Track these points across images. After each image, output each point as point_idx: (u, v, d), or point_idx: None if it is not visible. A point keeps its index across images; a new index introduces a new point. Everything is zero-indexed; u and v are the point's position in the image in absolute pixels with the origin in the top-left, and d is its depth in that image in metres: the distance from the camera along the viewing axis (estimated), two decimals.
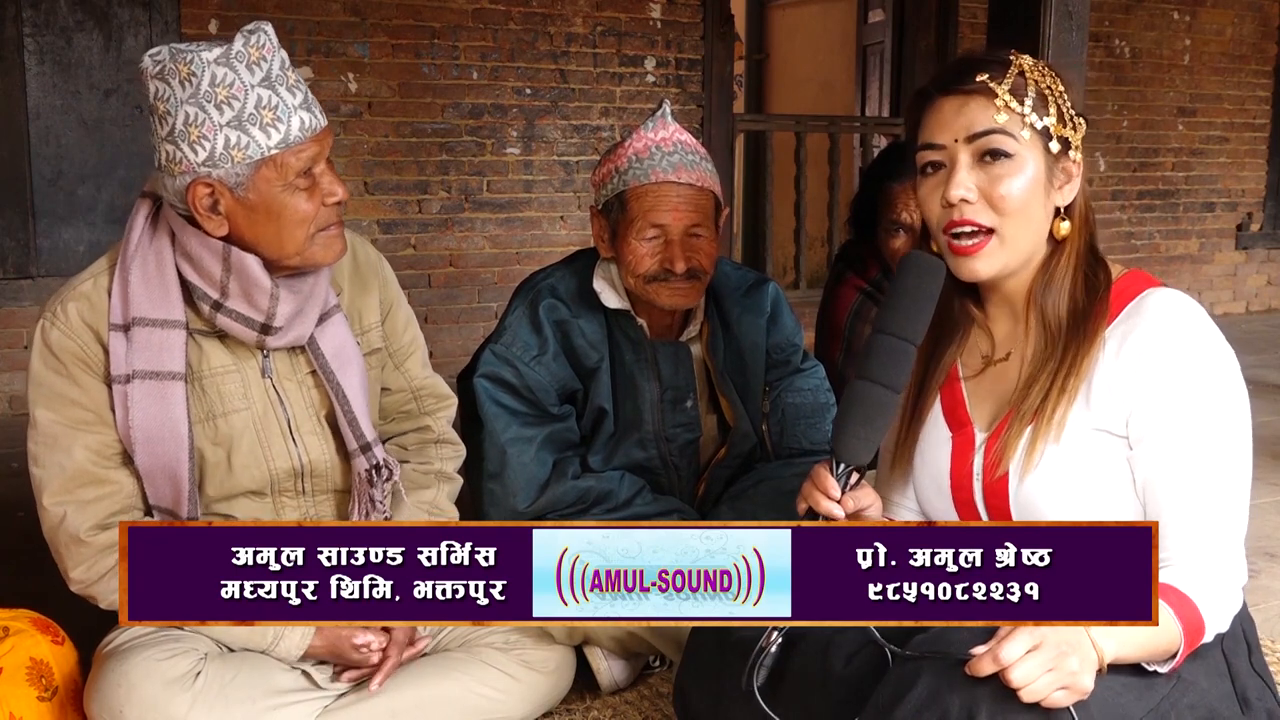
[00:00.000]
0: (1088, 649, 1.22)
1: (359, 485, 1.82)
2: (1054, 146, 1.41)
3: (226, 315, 1.68)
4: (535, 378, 2.13)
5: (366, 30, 4.86)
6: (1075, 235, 1.46)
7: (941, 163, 1.43)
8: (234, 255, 1.64)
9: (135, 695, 1.61)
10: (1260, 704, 1.41)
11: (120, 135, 4.46)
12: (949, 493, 1.51)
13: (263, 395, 1.76)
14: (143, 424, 1.65)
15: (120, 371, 1.65)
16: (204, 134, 1.57)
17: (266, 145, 1.58)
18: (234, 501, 1.77)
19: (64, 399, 1.66)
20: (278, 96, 1.59)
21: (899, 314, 1.39)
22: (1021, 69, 1.42)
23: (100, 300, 1.68)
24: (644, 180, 2.07)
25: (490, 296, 5.28)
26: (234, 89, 1.56)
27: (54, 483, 1.67)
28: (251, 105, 1.57)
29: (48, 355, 1.67)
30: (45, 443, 1.67)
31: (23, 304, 4.40)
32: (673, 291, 2.09)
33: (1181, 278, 7.14)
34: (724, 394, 2.27)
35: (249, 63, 1.57)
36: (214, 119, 1.56)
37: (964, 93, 1.41)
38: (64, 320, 1.66)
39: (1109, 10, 6.67)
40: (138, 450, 1.66)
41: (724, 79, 5.78)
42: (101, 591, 1.70)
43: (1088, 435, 1.40)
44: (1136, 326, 1.40)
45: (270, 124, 1.58)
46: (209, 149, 1.57)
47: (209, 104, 1.56)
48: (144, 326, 1.65)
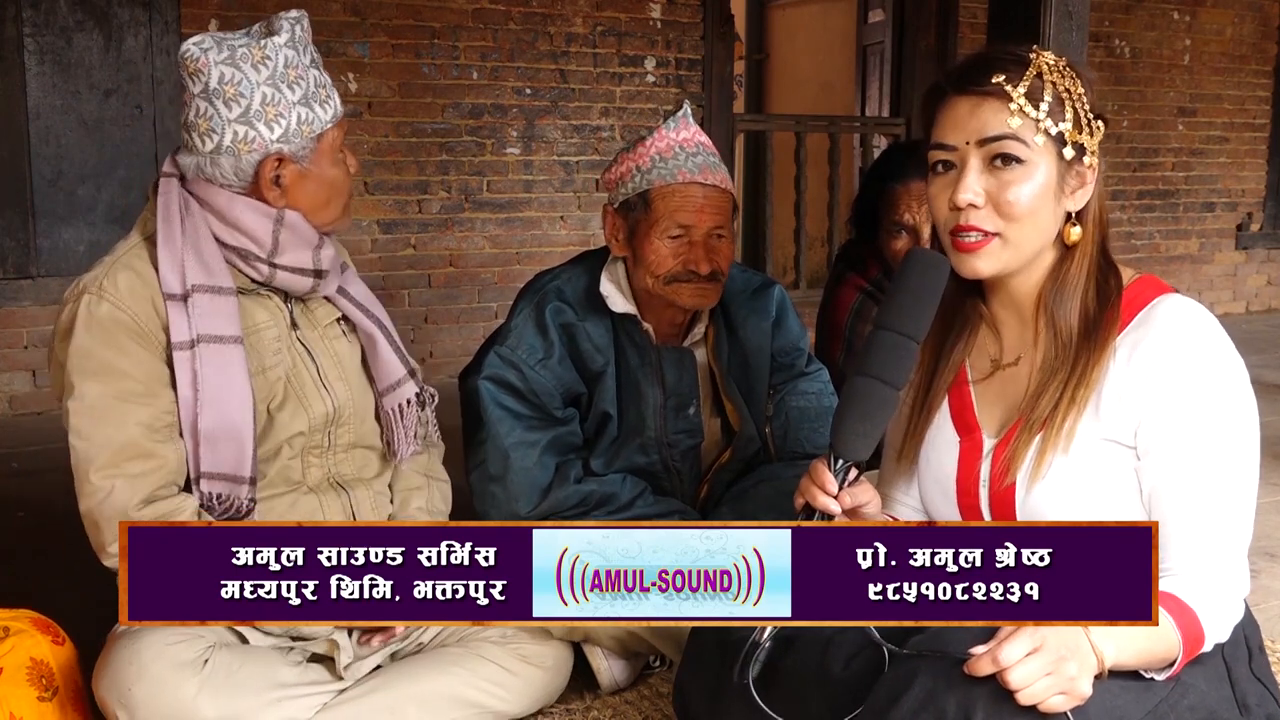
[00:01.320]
0: (1087, 653, 1.22)
1: (397, 419, 1.92)
2: (1068, 153, 1.39)
3: (283, 270, 1.78)
4: (540, 381, 2.13)
5: (366, 30, 4.86)
6: (1088, 241, 1.44)
7: (952, 163, 1.42)
8: (287, 215, 1.76)
9: (145, 675, 1.64)
10: (1260, 709, 1.41)
11: (120, 135, 4.45)
12: (954, 497, 1.51)
13: (292, 349, 1.84)
14: (213, 385, 1.69)
15: (183, 338, 1.69)
16: (280, 112, 1.70)
17: (325, 120, 1.76)
18: (271, 463, 1.81)
19: (115, 371, 1.68)
20: (323, 76, 1.77)
21: (902, 310, 1.38)
22: (1040, 70, 1.39)
23: (148, 272, 1.72)
24: (670, 180, 2.07)
25: (490, 296, 5.28)
26: (299, 70, 1.72)
27: (102, 455, 1.67)
28: (311, 84, 1.74)
29: (96, 329, 1.68)
30: (94, 416, 1.67)
31: (23, 304, 4.40)
32: (694, 291, 2.09)
33: (1181, 278, 7.14)
34: (729, 398, 2.27)
35: (305, 46, 1.74)
36: (288, 97, 1.71)
37: (979, 93, 1.39)
38: (113, 293, 1.69)
39: (1109, 10, 6.67)
40: (205, 413, 1.69)
41: (724, 79, 5.78)
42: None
43: (1096, 446, 1.40)
44: (1147, 336, 1.38)
45: (324, 100, 1.76)
46: (284, 126, 1.71)
47: (283, 84, 1.70)
48: (203, 293, 1.71)
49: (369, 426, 1.93)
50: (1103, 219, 1.46)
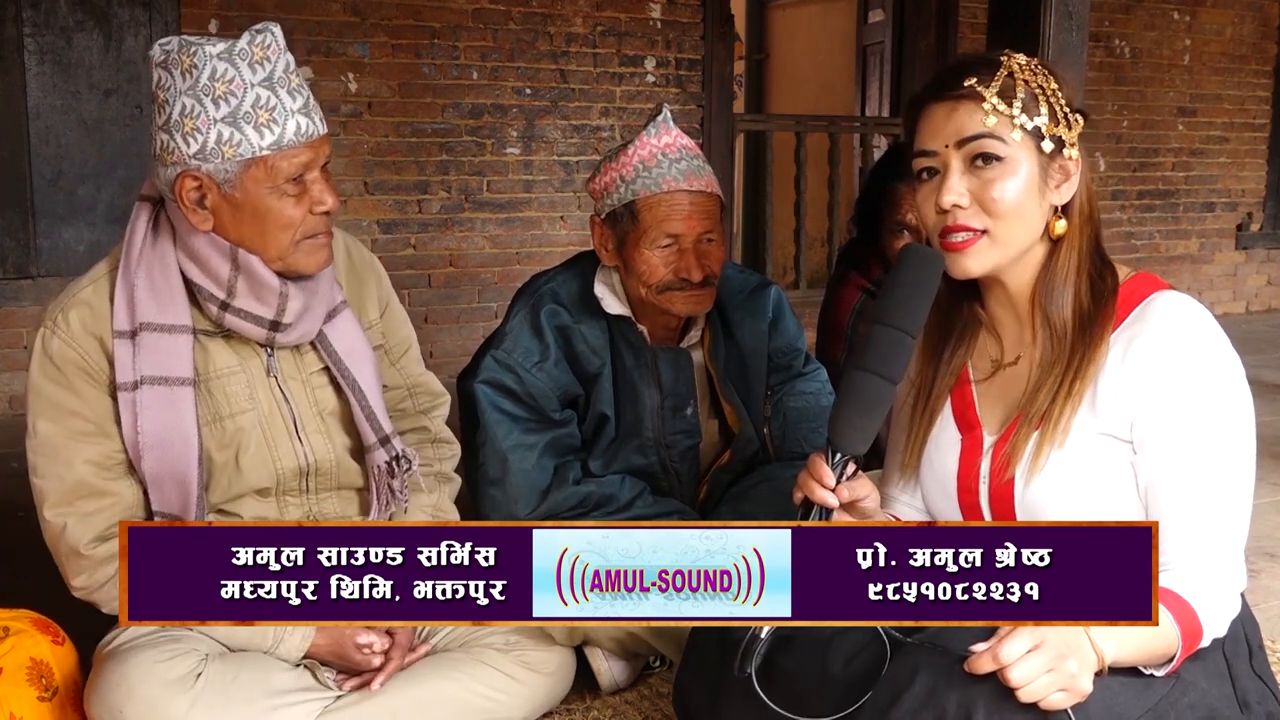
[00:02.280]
0: (1087, 651, 1.22)
1: (378, 478, 1.81)
2: (1047, 146, 1.40)
3: (235, 315, 1.67)
4: (537, 384, 2.12)
5: (366, 30, 4.86)
6: (1075, 234, 1.45)
7: (935, 168, 1.44)
8: (241, 256, 1.63)
9: (135, 696, 1.61)
10: (1260, 707, 1.41)
11: (120, 135, 4.45)
12: (955, 495, 1.51)
13: (268, 395, 1.75)
14: (152, 430, 1.63)
15: (127, 379, 1.63)
16: (197, 126, 1.56)
17: (259, 145, 1.57)
18: (239, 502, 1.77)
19: (64, 409, 1.65)
20: (276, 98, 1.57)
21: (897, 305, 1.39)
22: (1011, 70, 1.41)
23: (103, 307, 1.66)
24: (655, 189, 2.05)
25: (490, 296, 5.28)
26: (233, 85, 1.55)
27: (54, 494, 1.66)
28: (249, 103, 1.56)
29: (48, 365, 1.65)
30: (45, 453, 1.66)
31: (23, 304, 4.40)
32: (687, 299, 2.09)
33: (1181, 278, 7.14)
34: (726, 399, 2.26)
35: (252, 61, 1.56)
36: (209, 112, 1.55)
37: (953, 98, 1.41)
38: (65, 329, 1.65)
39: (1109, 10, 6.67)
40: (146, 456, 1.64)
41: (724, 79, 5.78)
42: (103, 598, 1.70)
43: (1093, 440, 1.40)
44: (1142, 331, 1.39)
45: (265, 124, 1.57)
46: (200, 142, 1.56)
47: (206, 97, 1.55)
48: (151, 332, 1.64)
49: (355, 473, 1.85)
50: (1092, 213, 1.47)
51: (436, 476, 2.00)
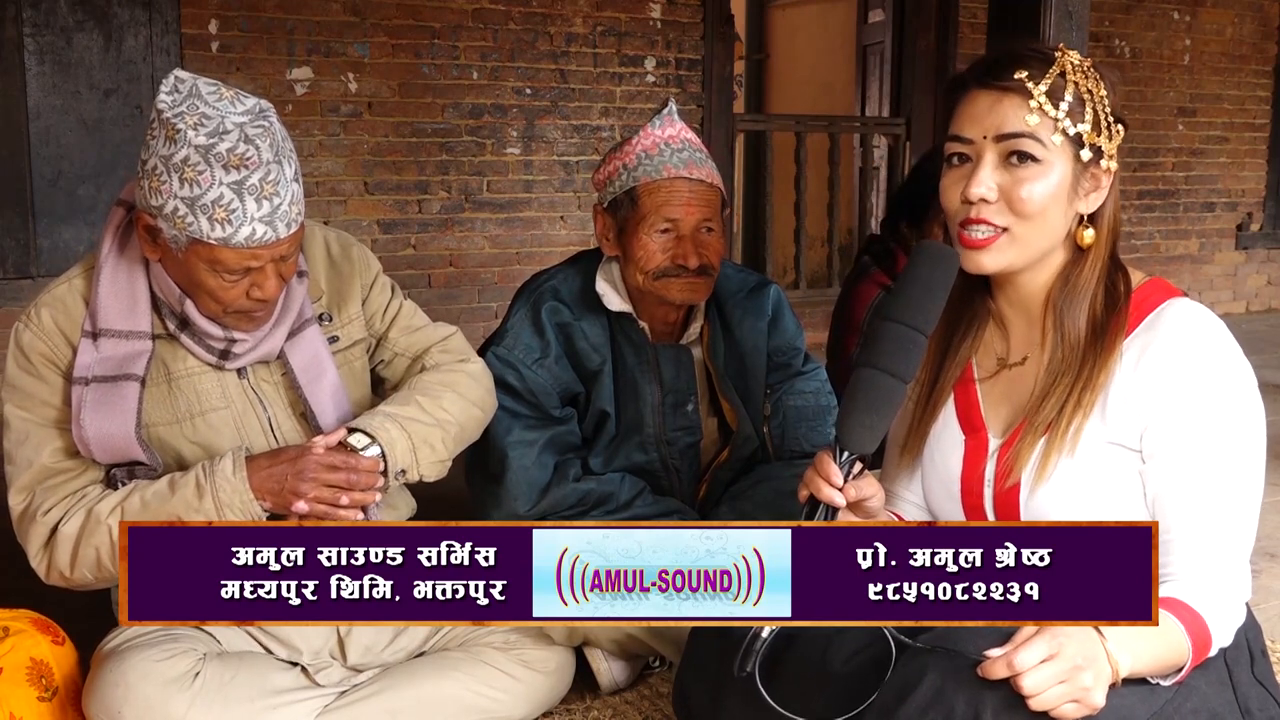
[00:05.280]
0: (1103, 664, 1.21)
1: None
2: (1085, 154, 1.39)
3: (189, 336, 1.73)
4: (537, 381, 2.12)
5: (366, 30, 4.86)
6: (1100, 244, 1.43)
7: (968, 156, 1.42)
8: (188, 305, 1.68)
9: (133, 696, 1.62)
10: (1262, 713, 1.41)
11: (120, 135, 4.45)
12: (959, 497, 1.50)
13: (241, 395, 1.78)
14: (93, 422, 1.66)
15: (82, 375, 1.68)
16: (161, 189, 1.58)
17: (209, 234, 1.58)
18: None
19: (35, 399, 1.71)
20: (240, 202, 1.58)
21: (910, 302, 1.37)
22: (1064, 69, 1.38)
23: (75, 305, 1.73)
24: (656, 175, 2.07)
25: (490, 296, 5.28)
26: (201, 176, 1.56)
27: (22, 478, 1.70)
28: (210, 197, 1.57)
29: (20, 356, 1.72)
30: (16, 440, 1.71)
31: (23, 304, 4.39)
32: (683, 286, 2.09)
33: (1181, 278, 7.14)
34: (725, 397, 2.26)
35: (226, 165, 1.56)
36: (173, 187, 1.57)
37: (1000, 88, 1.39)
38: (36, 323, 1.73)
39: (1109, 10, 6.67)
40: (93, 449, 1.67)
41: (724, 79, 5.77)
42: (45, 566, 1.69)
43: (1101, 448, 1.39)
44: (1154, 340, 1.38)
45: (221, 220, 1.58)
46: (160, 204, 1.59)
47: (175, 174, 1.57)
48: (110, 338, 1.70)
49: None
50: (1116, 223, 1.45)
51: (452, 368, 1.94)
